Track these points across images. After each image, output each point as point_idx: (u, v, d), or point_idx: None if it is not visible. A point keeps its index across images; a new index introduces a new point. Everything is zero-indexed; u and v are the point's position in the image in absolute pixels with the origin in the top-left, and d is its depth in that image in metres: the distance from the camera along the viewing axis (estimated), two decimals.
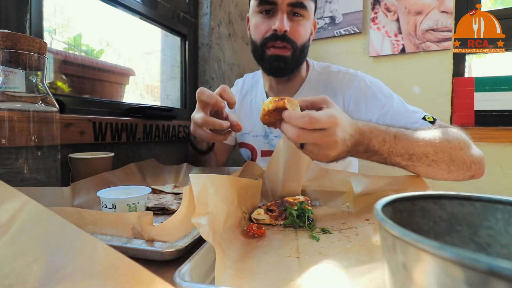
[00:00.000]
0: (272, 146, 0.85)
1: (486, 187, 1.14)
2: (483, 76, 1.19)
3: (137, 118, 0.89)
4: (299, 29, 0.73)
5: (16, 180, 0.46)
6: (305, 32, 0.75)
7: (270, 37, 0.73)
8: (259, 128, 0.87)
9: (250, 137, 0.89)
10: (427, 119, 0.63)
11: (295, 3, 0.70)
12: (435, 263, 0.14)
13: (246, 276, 0.29)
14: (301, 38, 0.74)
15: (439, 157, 0.51)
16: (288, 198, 0.50)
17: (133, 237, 0.35)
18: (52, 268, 0.18)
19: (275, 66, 0.75)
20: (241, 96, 0.95)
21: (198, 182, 0.32)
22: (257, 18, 0.75)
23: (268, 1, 0.71)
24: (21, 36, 0.45)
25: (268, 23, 0.73)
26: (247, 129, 0.90)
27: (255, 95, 0.92)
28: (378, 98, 0.71)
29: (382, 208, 0.20)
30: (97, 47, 0.96)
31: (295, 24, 0.72)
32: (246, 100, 0.93)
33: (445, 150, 0.52)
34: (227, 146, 0.97)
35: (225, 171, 0.77)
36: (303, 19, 0.73)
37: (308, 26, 0.75)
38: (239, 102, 0.93)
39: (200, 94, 0.56)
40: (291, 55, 0.74)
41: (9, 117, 0.45)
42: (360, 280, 0.28)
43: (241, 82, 1.00)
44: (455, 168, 0.54)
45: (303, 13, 0.73)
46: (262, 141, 0.86)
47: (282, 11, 0.71)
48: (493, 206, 0.22)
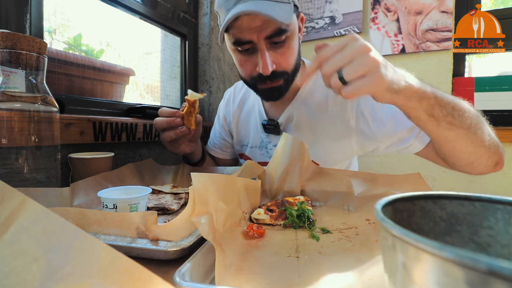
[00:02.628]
0: (269, 157, 0.81)
1: (486, 187, 1.14)
2: (483, 76, 1.19)
3: (137, 118, 0.89)
4: (287, 57, 0.65)
5: (16, 180, 0.46)
6: (294, 54, 0.66)
7: (258, 78, 0.66)
8: (255, 139, 0.84)
9: (248, 149, 0.87)
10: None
11: (273, 34, 0.60)
12: (435, 263, 0.14)
13: (246, 276, 0.29)
14: (291, 63, 0.67)
15: (474, 122, 0.50)
16: (288, 198, 0.50)
17: (138, 236, 0.35)
18: (52, 268, 0.18)
19: (270, 96, 0.71)
20: (235, 108, 0.91)
21: (199, 181, 0.33)
22: (237, 56, 0.68)
23: (243, 41, 0.62)
24: (21, 36, 0.45)
25: (251, 62, 0.65)
26: (245, 141, 0.88)
27: (252, 105, 0.87)
28: None
29: (382, 208, 0.20)
30: (97, 47, 0.96)
31: (280, 54, 0.64)
32: (243, 111, 0.89)
33: (476, 117, 0.51)
34: (227, 160, 0.96)
35: (221, 170, 0.77)
36: (287, 41, 0.63)
37: (295, 44, 0.66)
38: (235, 114, 0.90)
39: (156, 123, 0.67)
40: (284, 82, 0.68)
41: (9, 117, 0.45)
42: (360, 280, 0.28)
43: (231, 92, 0.95)
44: (489, 143, 0.52)
45: (285, 36, 0.62)
46: (258, 152, 0.84)
47: (261, 49, 0.62)
48: (493, 206, 0.22)
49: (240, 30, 0.61)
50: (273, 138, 0.80)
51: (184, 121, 0.66)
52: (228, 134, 0.94)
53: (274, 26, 0.59)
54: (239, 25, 0.60)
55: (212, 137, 0.98)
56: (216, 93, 1.29)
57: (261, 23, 0.59)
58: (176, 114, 0.66)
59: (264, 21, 0.59)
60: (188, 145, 0.73)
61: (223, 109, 0.96)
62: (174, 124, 0.65)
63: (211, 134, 0.99)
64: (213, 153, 0.95)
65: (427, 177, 1.21)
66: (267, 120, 0.79)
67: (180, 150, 0.72)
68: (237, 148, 0.92)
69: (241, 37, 0.62)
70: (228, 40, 0.66)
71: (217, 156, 0.95)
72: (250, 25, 0.59)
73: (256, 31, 0.60)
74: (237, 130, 0.90)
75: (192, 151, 0.76)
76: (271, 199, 0.56)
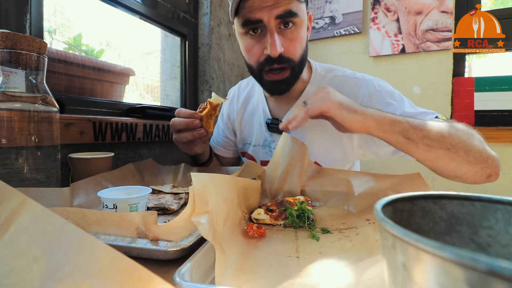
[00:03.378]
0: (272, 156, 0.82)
1: (486, 187, 1.14)
2: (483, 76, 1.19)
3: (137, 118, 0.89)
4: (295, 43, 0.65)
5: (16, 180, 0.46)
6: (301, 43, 0.67)
7: (265, 62, 0.66)
8: (258, 138, 0.84)
9: (251, 147, 0.87)
10: (440, 118, 0.62)
11: (283, 14, 0.61)
12: (435, 263, 0.14)
13: (246, 276, 0.29)
14: (298, 51, 0.67)
15: (456, 141, 0.51)
16: (288, 198, 0.50)
17: (138, 236, 0.35)
18: (52, 268, 0.18)
19: (275, 89, 0.72)
20: (239, 106, 0.91)
21: (199, 181, 0.33)
22: (245, 40, 0.68)
23: (252, 20, 0.62)
24: (21, 36, 0.45)
25: (259, 46, 0.65)
26: (248, 139, 0.88)
27: (256, 104, 0.86)
28: (390, 104, 0.66)
29: (382, 208, 0.20)
30: (97, 47, 0.96)
31: (288, 39, 0.64)
32: (247, 110, 0.89)
33: (461, 137, 0.52)
34: (230, 159, 0.96)
35: (224, 170, 0.77)
36: (296, 28, 0.64)
37: (303, 33, 0.67)
38: (239, 112, 0.90)
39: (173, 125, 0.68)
40: (291, 74, 0.68)
41: (9, 117, 0.45)
42: (360, 280, 0.28)
43: (235, 90, 0.95)
44: (473, 159, 0.53)
45: (295, 21, 0.63)
46: (261, 151, 0.84)
47: (271, 29, 0.62)
48: (493, 206, 0.22)
49: (250, 10, 0.62)
50: (277, 137, 0.80)
51: (202, 123, 0.65)
52: (231, 132, 0.94)
53: (285, 6, 0.61)
54: (250, 4, 0.62)
55: (215, 135, 0.98)
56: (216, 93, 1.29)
57: (272, 3, 0.60)
58: (195, 115, 0.65)
59: (275, 1, 0.60)
60: (201, 145, 0.73)
61: (227, 107, 0.96)
62: (192, 125, 0.64)
63: (214, 133, 0.99)
64: (216, 151, 0.95)
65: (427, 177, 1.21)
66: (271, 119, 0.79)
67: (193, 151, 0.72)
68: (240, 147, 0.92)
69: (251, 16, 0.62)
70: (237, 24, 0.67)
71: (220, 155, 0.95)
72: (261, 4, 0.61)
73: (267, 10, 0.61)
74: (241, 128, 0.90)
75: (203, 151, 0.76)
76: (271, 199, 0.56)
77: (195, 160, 0.81)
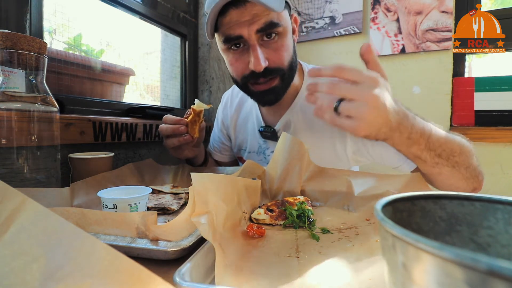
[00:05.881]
0: (267, 163, 0.76)
1: (486, 187, 1.13)
2: (483, 76, 1.19)
3: (137, 118, 0.89)
4: (280, 52, 0.61)
5: (16, 180, 0.46)
6: (288, 50, 0.63)
7: (250, 76, 0.63)
8: (252, 144, 0.83)
9: (246, 153, 0.86)
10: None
11: (264, 27, 0.58)
12: (435, 263, 0.14)
13: (246, 276, 0.29)
14: (286, 59, 0.63)
15: (461, 159, 0.50)
16: (288, 198, 0.50)
17: (138, 236, 0.35)
18: (52, 268, 0.18)
19: (265, 100, 0.68)
20: (232, 112, 0.89)
21: (199, 181, 0.33)
22: (228, 56, 0.65)
23: (233, 37, 0.59)
24: (21, 36, 0.45)
25: (242, 60, 0.62)
26: (243, 145, 0.87)
27: (249, 109, 0.84)
28: None
29: (382, 208, 0.20)
30: (97, 47, 0.96)
31: (272, 49, 0.61)
32: (241, 115, 0.87)
33: (465, 153, 0.51)
34: (227, 163, 0.96)
35: (222, 170, 0.77)
36: (280, 37, 0.61)
37: (288, 41, 0.63)
38: (233, 118, 0.89)
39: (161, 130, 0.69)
40: (280, 82, 0.64)
41: (9, 117, 0.45)
42: (360, 280, 0.28)
43: (228, 95, 0.93)
44: (470, 175, 0.53)
45: (277, 30, 0.60)
46: (256, 158, 0.82)
47: (253, 44, 0.59)
48: (493, 206, 0.22)
49: (229, 26, 0.59)
50: (271, 144, 0.79)
51: (188, 129, 0.67)
52: (226, 137, 0.94)
53: (265, 19, 0.57)
54: (228, 21, 0.58)
55: (212, 140, 0.98)
56: (216, 93, 1.29)
57: (250, 17, 0.57)
58: (180, 122, 0.67)
59: (254, 15, 0.57)
60: (191, 150, 0.73)
61: (221, 112, 0.95)
62: (178, 131, 0.66)
63: (211, 138, 0.99)
64: (214, 156, 0.95)
65: None
66: (264, 126, 0.78)
67: (182, 156, 0.73)
68: (235, 151, 0.92)
69: (230, 33, 0.59)
70: (218, 40, 0.65)
71: (217, 159, 0.95)
72: (239, 19, 0.57)
73: (246, 25, 0.58)
74: (235, 134, 0.89)
75: (194, 155, 0.76)
76: (271, 199, 0.56)
77: (190, 164, 0.82)
